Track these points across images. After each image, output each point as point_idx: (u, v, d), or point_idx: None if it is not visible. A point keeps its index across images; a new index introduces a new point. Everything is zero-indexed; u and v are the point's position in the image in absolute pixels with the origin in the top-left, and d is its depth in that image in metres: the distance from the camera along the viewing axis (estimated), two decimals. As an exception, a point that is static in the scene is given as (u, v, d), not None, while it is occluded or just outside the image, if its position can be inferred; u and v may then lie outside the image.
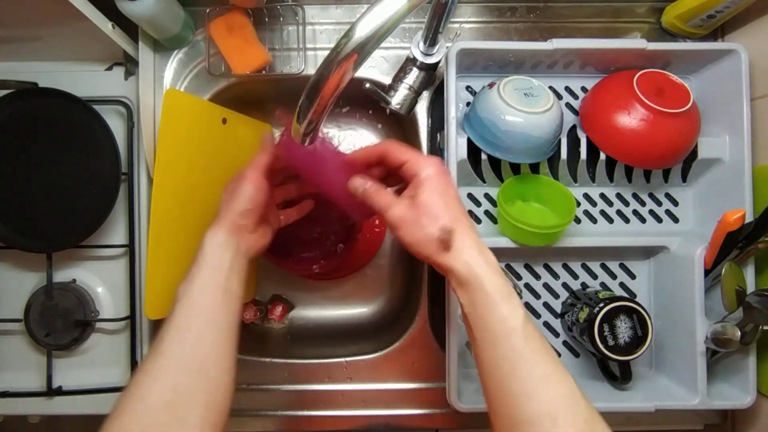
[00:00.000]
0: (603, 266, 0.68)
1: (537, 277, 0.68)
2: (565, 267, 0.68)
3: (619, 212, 0.68)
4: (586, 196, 0.68)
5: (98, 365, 0.68)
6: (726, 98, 0.63)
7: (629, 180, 0.67)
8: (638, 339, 0.58)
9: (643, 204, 0.68)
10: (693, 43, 0.68)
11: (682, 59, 0.64)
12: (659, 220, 0.68)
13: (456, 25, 0.71)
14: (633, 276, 0.68)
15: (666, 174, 0.67)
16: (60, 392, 0.67)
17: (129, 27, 0.62)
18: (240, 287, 0.50)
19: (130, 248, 0.67)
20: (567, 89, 0.68)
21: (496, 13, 0.71)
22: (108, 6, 0.56)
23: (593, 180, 0.67)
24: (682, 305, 0.61)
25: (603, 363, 0.65)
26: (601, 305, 0.58)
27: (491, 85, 0.60)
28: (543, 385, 0.39)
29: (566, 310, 0.66)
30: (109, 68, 0.68)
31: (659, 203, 0.68)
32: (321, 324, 0.81)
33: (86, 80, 0.67)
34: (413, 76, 0.64)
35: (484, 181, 0.66)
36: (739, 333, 0.56)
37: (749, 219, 0.59)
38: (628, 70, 0.63)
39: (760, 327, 0.57)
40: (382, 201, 0.46)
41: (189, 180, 0.62)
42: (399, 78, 0.65)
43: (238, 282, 0.50)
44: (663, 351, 0.65)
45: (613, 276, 0.68)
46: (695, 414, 0.68)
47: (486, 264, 0.42)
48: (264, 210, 0.53)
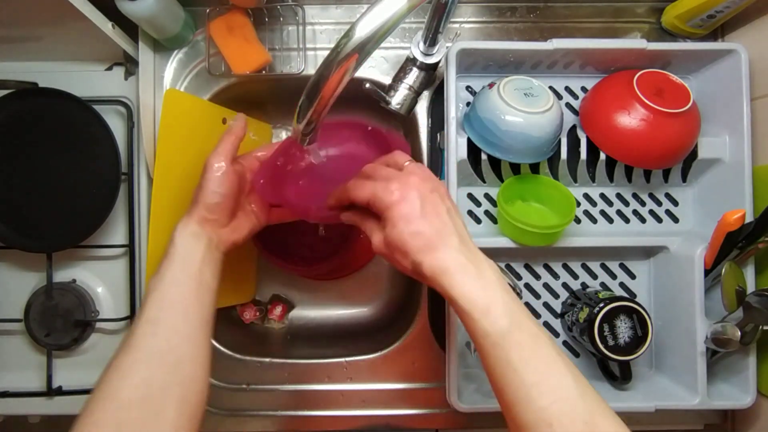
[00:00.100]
0: (603, 266, 0.68)
1: (537, 277, 0.68)
2: (565, 267, 0.68)
3: (619, 212, 0.68)
4: (586, 196, 0.68)
5: (98, 365, 0.67)
6: (726, 98, 0.63)
7: (629, 180, 0.67)
8: (638, 339, 0.58)
9: (643, 204, 0.68)
10: (693, 43, 0.68)
11: (682, 59, 0.64)
12: (659, 220, 0.68)
13: (456, 25, 0.71)
14: (633, 276, 0.68)
15: (666, 174, 0.67)
16: (60, 392, 0.67)
17: (129, 27, 0.62)
18: (214, 280, 0.49)
19: (130, 248, 0.67)
20: (567, 89, 0.68)
21: (496, 13, 0.71)
22: (108, 6, 0.56)
23: (593, 180, 0.67)
24: (682, 305, 0.61)
25: (603, 363, 0.65)
26: (601, 305, 0.58)
27: (491, 85, 0.60)
28: (534, 393, 0.38)
29: (566, 310, 0.66)
30: (109, 68, 0.68)
31: (659, 203, 0.68)
32: (321, 324, 0.81)
33: (86, 80, 0.67)
34: (413, 76, 0.64)
35: (484, 181, 0.66)
36: (739, 333, 0.56)
37: (749, 219, 0.59)
38: (628, 70, 0.63)
39: (760, 327, 0.57)
40: (367, 230, 0.47)
41: (189, 180, 0.61)
42: (399, 78, 0.65)
43: (212, 274, 0.49)
44: (663, 351, 0.65)
45: (613, 276, 0.68)
46: (695, 414, 0.68)
47: (459, 283, 0.41)
48: (235, 202, 0.52)
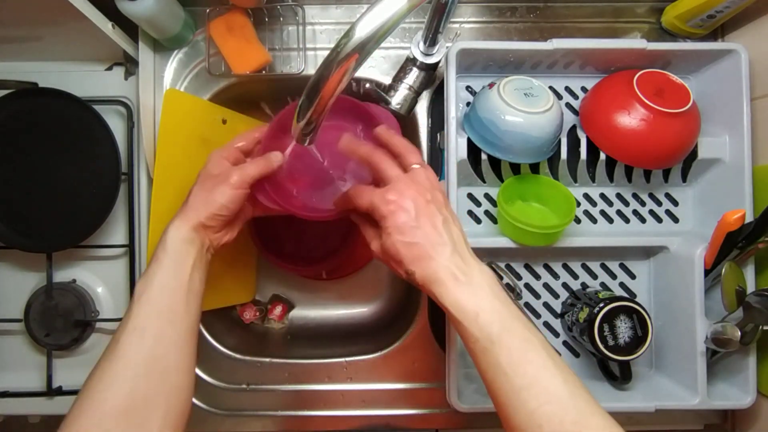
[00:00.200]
0: (603, 266, 0.68)
1: (537, 277, 0.68)
2: (565, 267, 0.68)
3: (619, 212, 0.68)
4: (586, 196, 0.68)
5: (98, 365, 0.68)
6: (726, 98, 0.63)
7: (629, 180, 0.67)
8: (638, 339, 0.58)
9: (643, 204, 0.68)
10: (693, 43, 0.68)
11: (682, 59, 0.64)
12: (659, 220, 0.68)
13: (456, 25, 0.71)
14: (633, 276, 0.68)
15: (666, 174, 0.67)
16: (60, 392, 0.67)
17: (129, 27, 0.62)
18: (201, 285, 0.49)
19: (130, 248, 0.67)
20: (567, 89, 0.68)
21: (496, 13, 0.71)
22: (108, 6, 0.56)
23: (593, 180, 0.67)
24: (682, 305, 0.61)
25: (603, 363, 0.65)
26: (601, 305, 0.58)
27: (491, 85, 0.60)
28: (524, 396, 0.40)
29: (566, 310, 0.66)
30: (109, 68, 0.68)
31: (659, 203, 0.68)
32: (321, 324, 0.81)
33: (86, 80, 0.67)
34: (413, 76, 0.64)
35: (484, 181, 0.66)
36: (739, 333, 0.56)
37: (749, 219, 0.59)
38: (628, 70, 0.63)
39: (760, 327, 0.57)
40: (367, 236, 0.49)
41: (189, 180, 0.61)
42: (399, 78, 0.65)
43: (200, 280, 0.49)
44: (663, 351, 0.65)
45: (613, 276, 0.68)
46: (695, 414, 0.68)
47: (449, 292, 0.42)
48: (235, 215, 0.52)
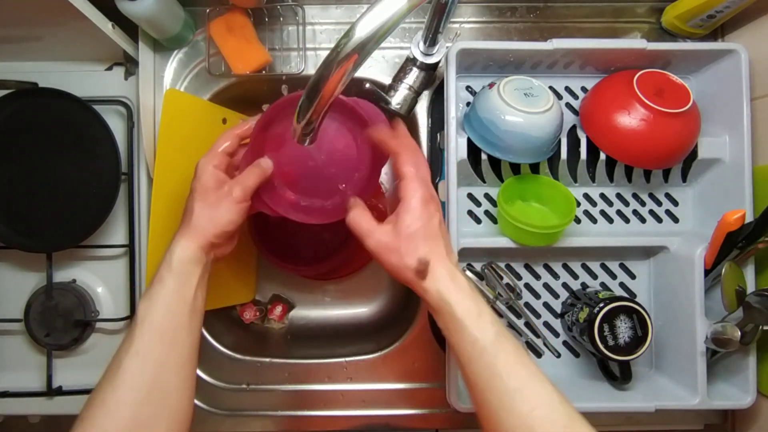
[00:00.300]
0: (603, 266, 0.68)
1: (537, 277, 0.68)
2: (565, 267, 0.68)
3: (619, 212, 0.68)
4: (586, 196, 0.68)
5: (98, 365, 0.67)
6: (726, 98, 0.63)
7: (629, 180, 0.67)
8: (638, 339, 0.58)
9: (643, 204, 0.68)
10: (693, 43, 0.68)
11: (682, 59, 0.64)
12: (659, 220, 0.68)
13: (456, 25, 0.71)
14: (633, 276, 0.68)
15: (666, 174, 0.67)
16: (60, 392, 0.67)
17: (129, 27, 0.62)
18: (204, 302, 0.49)
19: (130, 248, 0.67)
20: (567, 89, 0.68)
21: (496, 13, 0.71)
22: (108, 6, 0.56)
23: (593, 180, 0.67)
24: (682, 305, 0.61)
25: (603, 363, 0.65)
26: (601, 305, 0.58)
27: (491, 85, 0.60)
28: (518, 398, 0.40)
29: (566, 310, 0.66)
30: (109, 68, 0.68)
31: (659, 203, 0.68)
32: (321, 324, 0.80)
33: (86, 80, 0.67)
34: (413, 76, 0.64)
35: (484, 181, 0.66)
36: (739, 333, 0.56)
37: (749, 219, 0.59)
38: (628, 70, 0.63)
39: (760, 327, 0.57)
40: (364, 227, 0.47)
41: (189, 180, 0.61)
42: (399, 78, 0.65)
43: (203, 297, 0.49)
44: (663, 351, 0.65)
45: (613, 276, 0.68)
46: (695, 414, 0.68)
47: (456, 290, 0.44)
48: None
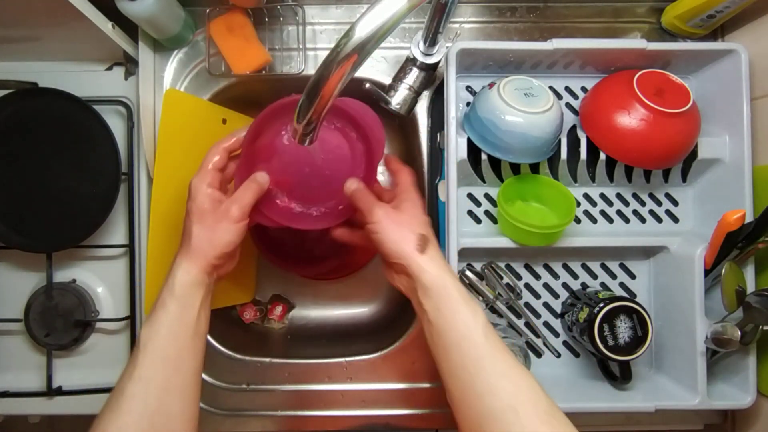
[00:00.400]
0: (603, 266, 0.68)
1: (537, 277, 0.68)
2: (565, 267, 0.68)
3: (619, 212, 0.68)
4: (586, 196, 0.68)
5: (98, 365, 0.68)
6: (726, 98, 0.63)
7: (629, 180, 0.67)
8: (638, 339, 0.58)
9: (643, 204, 0.68)
10: (693, 43, 0.68)
11: (682, 59, 0.64)
12: (659, 220, 0.68)
13: (456, 25, 0.71)
14: (633, 276, 0.68)
15: (666, 174, 0.67)
16: (60, 392, 0.67)
17: (129, 27, 0.62)
18: (207, 323, 0.49)
19: (130, 248, 0.67)
20: (567, 89, 0.68)
21: (496, 13, 0.71)
22: (108, 6, 0.56)
23: (593, 180, 0.67)
24: (682, 305, 0.61)
25: (603, 363, 0.65)
26: (601, 305, 0.58)
27: (491, 85, 0.60)
28: (504, 380, 0.41)
29: (566, 310, 0.66)
30: (109, 68, 0.68)
31: (659, 203, 0.68)
32: (321, 324, 0.81)
33: (86, 80, 0.67)
34: (413, 76, 0.64)
35: (484, 181, 0.66)
36: (739, 333, 0.56)
37: (749, 219, 0.59)
38: (628, 70, 0.63)
39: (760, 327, 0.57)
40: (371, 200, 0.50)
41: (189, 180, 0.62)
42: (399, 78, 0.65)
43: (206, 318, 0.48)
44: (663, 351, 0.65)
45: (613, 276, 0.68)
46: (695, 414, 0.68)
47: (450, 275, 0.46)
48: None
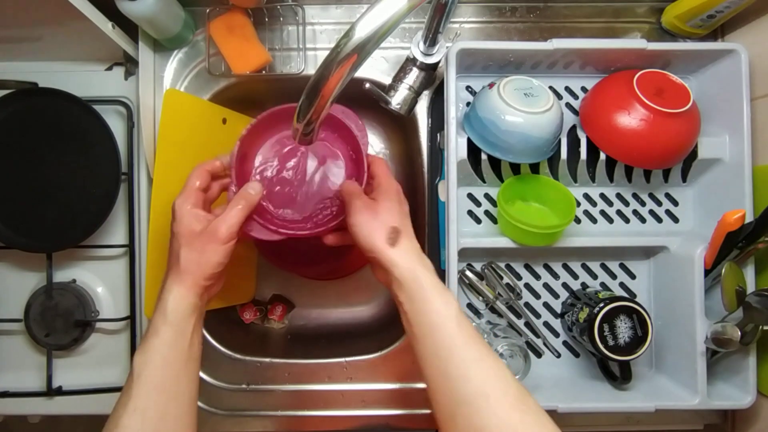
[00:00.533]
0: (603, 266, 0.68)
1: (537, 277, 0.68)
2: (565, 267, 0.68)
3: (619, 212, 0.68)
4: (586, 196, 0.68)
5: (98, 365, 0.68)
6: (726, 98, 0.63)
7: (629, 180, 0.67)
8: (638, 339, 0.58)
9: (643, 204, 0.68)
10: (693, 43, 0.68)
11: (682, 59, 0.64)
12: (659, 220, 0.68)
13: (456, 25, 0.71)
14: (633, 276, 0.68)
15: (666, 174, 0.67)
16: (60, 392, 0.67)
17: (129, 27, 0.62)
18: (200, 347, 0.48)
19: (130, 248, 0.67)
20: (567, 89, 0.68)
21: (496, 13, 0.71)
22: (108, 6, 0.56)
23: (593, 180, 0.67)
24: (682, 305, 0.61)
25: (603, 363, 0.65)
26: (601, 305, 0.58)
27: (491, 85, 0.60)
28: (476, 368, 0.42)
29: (566, 310, 0.66)
30: (109, 68, 0.68)
31: (659, 203, 0.68)
32: (321, 324, 0.81)
33: (86, 80, 0.67)
34: (413, 76, 0.64)
35: (484, 181, 0.66)
36: (739, 333, 0.56)
37: (749, 219, 0.59)
38: (628, 70, 0.63)
39: (760, 327, 0.57)
40: (355, 189, 0.51)
41: (189, 180, 0.62)
42: (399, 78, 0.65)
43: (199, 343, 0.48)
44: (663, 351, 0.65)
45: (613, 276, 0.68)
46: (695, 414, 0.68)
47: (423, 266, 0.47)
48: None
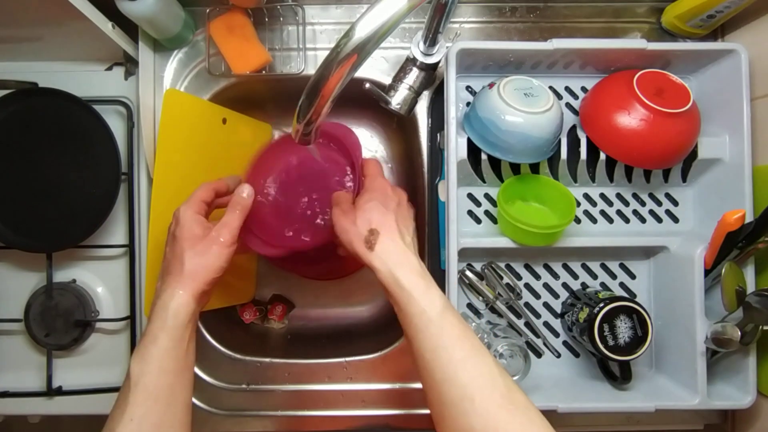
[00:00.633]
0: (603, 266, 0.68)
1: (537, 277, 0.68)
2: (565, 267, 0.68)
3: (619, 212, 0.68)
4: (586, 196, 0.68)
5: (98, 365, 0.68)
6: (726, 98, 0.63)
7: (629, 180, 0.67)
8: (638, 339, 0.58)
9: (643, 204, 0.68)
10: (693, 43, 0.68)
11: (682, 59, 0.64)
12: (659, 220, 0.68)
13: (456, 25, 0.71)
14: (633, 276, 0.68)
15: (666, 174, 0.67)
16: (60, 392, 0.67)
17: (129, 27, 0.62)
18: (194, 355, 0.49)
19: (130, 248, 0.67)
20: (567, 89, 0.68)
21: (496, 13, 0.71)
22: (108, 6, 0.56)
23: (593, 180, 0.67)
24: (682, 305, 0.61)
25: (603, 363, 0.65)
26: (601, 305, 0.58)
27: (491, 85, 0.60)
28: (460, 369, 0.42)
29: (566, 310, 0.66)
30: (109, 68, 0.68)
31: (659, 203, 0.68)
32: (321, 324, 0.81)
33: (86, 80, 0.67)
34: (413, 76, 0.64)
35: (484, 181, 0.66)
36: (739, 333, 0.56)
37: (749, 219, 0.59)
38: (628, 70, 0.63)
39: (760, 327, 0.57)
40: (337, 199, 0.52)
41: (189, 180, 0.62)
42: (399, 78, 0.65)
43: (193, 351, 0.48)
44: (663, 351, 0.65)
45: (613, 276, 0.68)
46: (695, 414, 0.68)
47: (403, 265, 0.46)
48: None
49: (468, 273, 0.66)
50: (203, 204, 0.52)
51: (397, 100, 0.65)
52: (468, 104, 0.67)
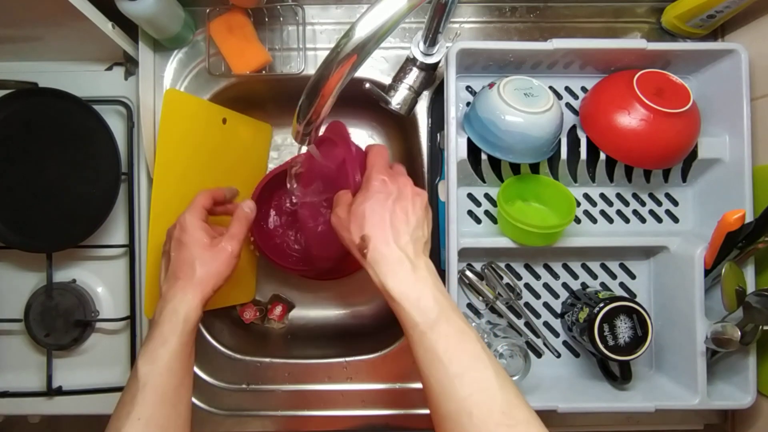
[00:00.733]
0: (603, 266, 0.68)
1: (537, 277, 0.68)
2: (565, 267, 0.68)
3: (619, 212, 0.68)
4: (586, 196, 0.68)
5: (98, 365, 0.68)
6: (726, 98, 0.63)
7: (629, 180, 0.67)
8: (638, 339, 0.58)
9: (643, 204, 0.68)
10: (693, 43, 0.68)
11: (682, 59, 0.64)
12: (659, 220, 0.68)
13: (456, 25, 0.71)
14: (633, 276, 0.68)
15: (666, 174, 0.67)
16: (60, 392, 0.67)
17: (129, 27, 0.62)
18: (194, 357, 0.50)
19: (130, 248, 0.67)
20: (567, 89, 0.68)
21: (496, 13, 0.71)
22: (108, 6, 0.56)
23: (593, 180, 0.67)
24: (682, 305, 0.61)
25: (603, 363, 0.65)
26: (601, 305, 0.58)
27: (491, 85, 0.60)
28: (457, 384, 0.41)
29: (566, 310, 0.66)
30: (109, 68, 0.68)
31: (659, 203, 0.68)
32: (321, 324, 0.81)
33: (86, 80, 0.67)
34: (413, 76, 0.64)
35: (484, 181, 0.66)
36: (739, 333, 0.55)
37: (749, 219, 0.59)
38: (628, 70, 0.63)
39: (760, 327, 0.57)
40: (339, 200, 0.52)
41: (189, 180, 0.62)
42: (399, 78, 0.65)
43: (193, 353, 0.50)
44: (663, 351, 0.65)
45: (613, 276, 0.68)
46: (695, 414, 0.68)
47: (394, 274, 0.44)
48: None
49: (468, 273, 0.66)
50: (204, 211, 0.54)
51: (397, 100, 0.65)
52: (468, 104, 0.67)
